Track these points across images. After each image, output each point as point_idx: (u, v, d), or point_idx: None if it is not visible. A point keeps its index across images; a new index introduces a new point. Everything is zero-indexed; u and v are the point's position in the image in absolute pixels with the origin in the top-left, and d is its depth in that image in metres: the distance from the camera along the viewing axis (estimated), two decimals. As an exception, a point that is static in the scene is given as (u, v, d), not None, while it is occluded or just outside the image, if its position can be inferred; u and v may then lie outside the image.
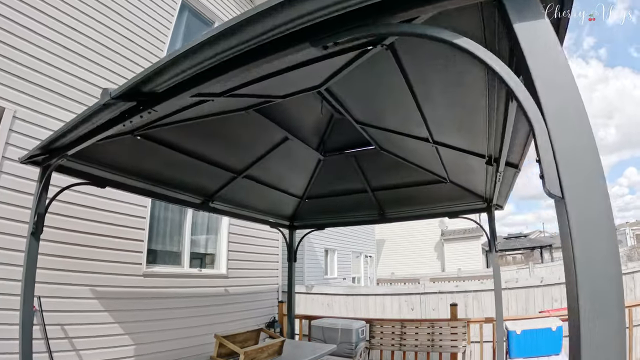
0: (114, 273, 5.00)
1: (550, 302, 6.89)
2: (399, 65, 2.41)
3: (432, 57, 2.30)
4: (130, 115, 2.14)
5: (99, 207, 4.92)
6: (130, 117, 2.13)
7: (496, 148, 3.13)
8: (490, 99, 2.43)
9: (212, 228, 6.96)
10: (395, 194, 5.65)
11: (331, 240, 15.48)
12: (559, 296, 6.88)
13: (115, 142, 3.18)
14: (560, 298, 6.86)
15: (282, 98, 3.21)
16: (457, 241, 25.05)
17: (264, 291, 7.63)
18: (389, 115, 3.62)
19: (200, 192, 4.80)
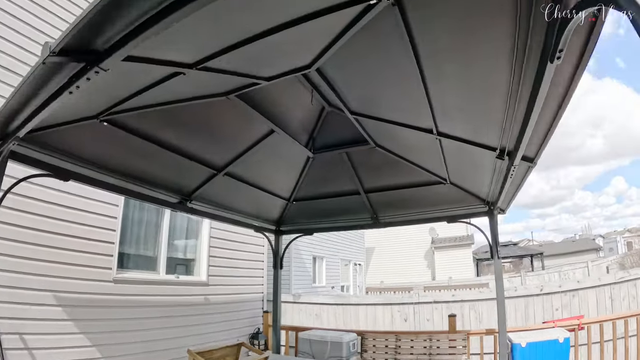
0: (81, 278, 4.54)
1: (550, 311, 6.59)
2: (406, 28, 2.01)
3: (446, 15, 1.90)
4: (77, 78, 1.70)
5: (64, 204, 4.46)
6: (77, 79, 1.69)
7: (512, 137, 2.75)
8: (516, 67, 2.04)
9: (191, 231, 6.48)
10: (390, 197, 5.26)
11: (319, 247, 15.05)
12: (559, 305, 6.59)
13: (79, 128, 2.77)
14: (561, 307, 6.58)
15: (268, 80, 2.81)
16: (447, 249, 24.76)
17: (247, 300, 7.15)
18: (389, 102, 3.22)
19: (177, 190, 4.35)
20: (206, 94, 2.92)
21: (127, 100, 2.46)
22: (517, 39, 1.88)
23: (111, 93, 2.40)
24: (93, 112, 2.65)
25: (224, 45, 2.01)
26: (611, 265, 16.04)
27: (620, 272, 6.64)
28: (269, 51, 2.36)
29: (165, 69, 2.11)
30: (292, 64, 2.66)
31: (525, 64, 1.98)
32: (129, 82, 2.26)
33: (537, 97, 1.98)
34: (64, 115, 2.57)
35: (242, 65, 2.47)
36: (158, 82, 2.27)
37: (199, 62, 2.13)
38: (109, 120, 2.84)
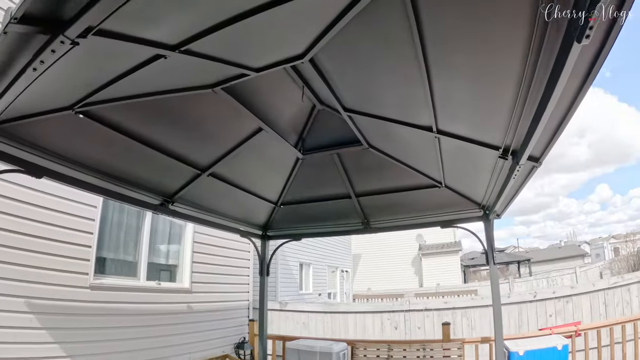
0: (55, 283, 4.27)
1: (544, 317, 6.53)
2: (414, 10, 1.82)
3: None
4: (41, 51, 1.48)
5: (37, 203, 4.19)
6: (41, 51, 1.48)
7: (519, 134, 2.59)
8: (533, 53, 1.87)
9: (174, 236, 6.21)
10: (382, 200, 5.07)
11: (306, 253, 14.81)
12: (553, 311, 6.53)
13: (53, 120, 2.54)
14: (554, 313, 6.52)
15: (257, 72, 2.61)
16: (435, 256, 24.73)
17: (232, 308, 6.88)
18: (387, 97, 3.03)
19: (158, 191, 4.10)
20: (191, 85, 2.70)
21: (105, 88, 2.23)
22: (538, 19, 1.71)
23: (86, 79, 2.17)
24: (67, 102, 2.42)
25: (207, 25, 1.81)
26: (601, 271, 16.10)
27: (613, 278, 6.61)
28: (258, 36, 2.16)
29: (144, 51, 1.89)
30: (284, 52, 2.45)
31: (545, 47, 1.80)
32: (105, 65, 2.03)
33: (556, 84, 1.79)
34: (35, 105, 2.34)
35: (229, 52, 2.26)
36: (137, 67, 2.05)
37: (181, 44, 1.92)
38: (85, 112, 2.60)
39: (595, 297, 6.42)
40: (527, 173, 3.26)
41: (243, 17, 1.80)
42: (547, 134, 2.62)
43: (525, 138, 2.56)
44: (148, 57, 1.98)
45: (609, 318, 6.11)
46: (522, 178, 3.36)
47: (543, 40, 1.81)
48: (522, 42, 1.88)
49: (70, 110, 2.52)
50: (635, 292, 6.35)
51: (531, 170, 3.19)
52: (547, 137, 2.69)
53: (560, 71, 1.72)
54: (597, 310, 6.37)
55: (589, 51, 1.77)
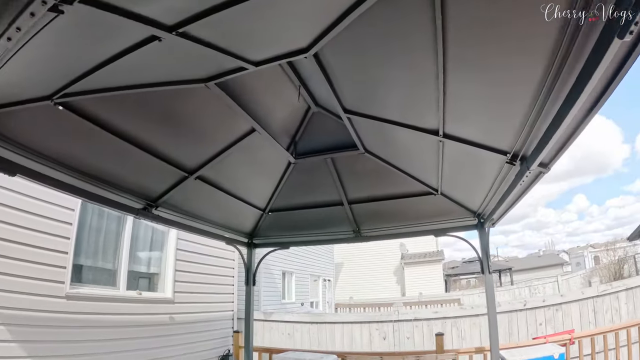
0: (28, 292, 4.00)
1: (535, 326, 6.53)
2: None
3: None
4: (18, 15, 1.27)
5: (9, 204, 3.95)
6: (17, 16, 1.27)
7: (533, 138, 2.47)
8: (562, 50, 1.75)
9: (156, 243, 5.93)
10: (374, 208, 4.92)
11: (289, 262, 14.56)
12: (543, 319, 6.52)
13: (30, 112, 2.30)
14: (544, 321, 6.51)
15: (256, 65, 2.42)
16: (417, 265, 24.73)
17: (216, 319, 6.62)
18: (394, 96, 2.86)
19: (141, 195, 3.84)
20: (183, 78, 2.50)
21: (88, 76, 2.00)
22: (571, 19, 1.58)
23: (68, 63, 1.94)
24: (46, 90, 2.18)
25: (210, 3, 1.62)
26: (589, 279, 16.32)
27: (602, 286, 6.67)
28: (261, 24, 1.98)
29: (137, 30, 1.68)
30: (287, 45, 2.27)
31: (579, 42, 1.68)
32: (91, 46, 1.81)
33: (586, 84, 1.67)
34: (9, 94, 2.10)
35: (229, 40, 2.07)
36: (127, 50, 1.84)
37: (179, 25, 1.72)
38: (65, 103, 2.36)
39: (584, 305, 6.46)
40: (533, 179, 3.15)
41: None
42: (563, 138, 2.52)
43: (539, 143, 2.45)
44: (141, 38, 1.77)
45: (599, 326, 6.16)
46: (527, 184, 3.25)
47: (574, 40, 1.69)
48: (552, 40, 1.76)
49: (48, 100, 2.28)
50: (623, 300, 6.44)
51: (538, 176, 3.08)
52: (561, 142, 2.58)
53: (593, 69, 1.61)
54: (587, 318, 6.41)
55: (621, 50, 1.66)
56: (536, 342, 5.06)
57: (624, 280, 6.86)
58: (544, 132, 2.34)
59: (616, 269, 20.10)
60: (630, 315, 6.28)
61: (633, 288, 6.46)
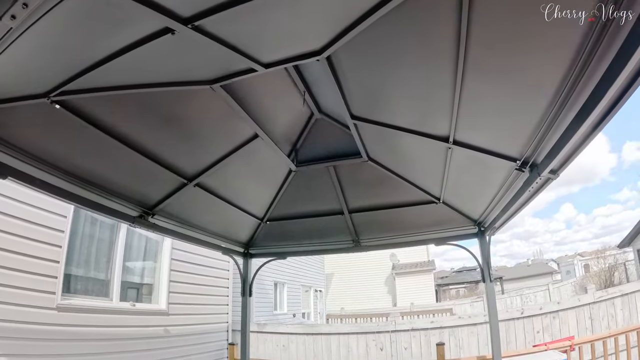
0: (17, 303, 3.84)
1: (532, 334, 6.54)
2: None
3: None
4: None
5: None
6: None
7: (546, 144, 2.43)
8: (587, 49, 1.71)
9: (150, 252, 5.78)
10: (375, 217, 4.85)
11: (280, 273, 14.40)
12: (540, 327, 6.51)
13: (23, 110, 2.16)
14: (542, 329, 6.51)
15: (266, 67, 2.34)
16: (409, 275, 24.68)
17: (211, 331, 6.46)
18: (405, 101, 2.80)
19: (138, 202, 3.69)
20: (190, 79, 2.42)
21: (90, 72, 1.90)
22: (598, 21, 1.55)
23: (70, 57, 1.82)
24: (43, 87, 2.05)
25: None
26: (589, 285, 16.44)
27: (598, 292, 6.72)
28: (275, 23, 1.91)
29: (151, 20, 1.59)
30: (299, 46, 2.20)
31: (605, 42, 1.63)
32: (97, 37, 1.71)
33: (608, 89, 1.64)
34: (3, 89, 1.96)
35: (242, 38, 1.99)
36: (136, 43, 1.75)
37: (194, 17, 1.64)
38: (62, 101, 2.23)
39: (581, 311, 6.50)
40: (541, 185, 3.10)
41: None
42: (574, 146, 2.48)
43: (552, 150, 2.41)
44: (153, 30, 1.68)
45: (596, 332, 6.19)
46: (535, 190, 3.21)
47: (599, 44, 1.65)
48: (573, 49, 1.73)
49: (45, 98, 2.14)
50: (619, 306, 6.50)
51: (546, 182, 3.04)
52: (572, 150, 2.54)
53: (619, 72, 1.57)
54: (584, 324, 6.44)
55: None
56: (537, 350, 5.06)
57: (620, 287, 6.94)
58: (557, 140, 2.32)
59: (607, 277, 20.34)
60: (626, 321, 6.35)
61: (628, 294, 6.53)
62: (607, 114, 2.04)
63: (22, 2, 1.21)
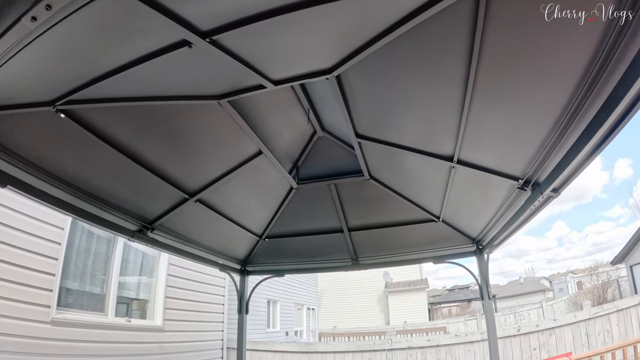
0: (11, 316, 3.74)
1: (529, 351, 6.57)
2: (483, 25, 1.67)
3: (533, 13, 1.58)
4: None
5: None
6: None
7: (549, 163, 2.47)
8: (593, 74, 1.75)
9: (147, 267, 5.70)
10: (374, 236, 4.86)
11: (273, 290, 14.25)
12: (537, 344, 6.53)
13: (27, 118, 2.12)
14: (538, 346, 6.52)
15: (275, 84, 2.36)
16: (401, 293, 24.54)
17: (206, 348, 6.35)
18: (412, 121, 2.83)
19: (138, 216, 3.64)
20: (198, 93, 2.43)
21: (101, 81, 1.89)
22: (608, 39, 1.59)
23: (82, 64, 1.80)
24: (49, 95, 2.01)
25: (249, 12, 1.57)
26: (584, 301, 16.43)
27: (594, 308, 6.75)
28: (289, 40, 1.94)
29: (170, 32, 1.60)
30: (310, 64, 2.22)
31: (609, 69, 1.68)
32: (112, 46, 1.69)
33: (611, 113, 1.70)
34: (8, 95, 1.92)
35: (255, 54, 2.01)
36: (152, 54, 1.75)
37: (213, 32, 1.66)
38: (67, 110, 2.20)
39: (577, 328, 6.53)
40: (542, 203, 3.14)
41: (287, 11, 1.58)
42: (576, 165, 2.52)
43: (554, 169, 2.47)
44: (171, 42, 1.68)
45: (592, 348, 6.19)
46: (536, 209, 3.24)
47: (609, 60, 1.70)
48: (584, 64, 1.77)
49: (50, 106, 2.10)
50: (615, 321, 6.55)
51: (547, 200, 3.08)
52: (573, 169, 2.58)
53: (619, 101, 1.64)
54: (580, 340, 6.47)
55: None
56: None
57: (615, 302, 6.96)
58: (560, 159, 2.36)
59: (600, 293, 20.38)
60: (622, 336, 6.38)
61: (623, 309, 6.58)
62: (609, 134, 2.09)
63: (45, 3, 1.18)
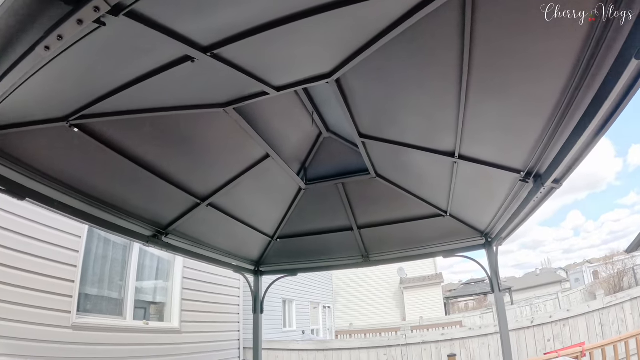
0: (34, 322, 3.86)
1: (543, 342, 6.49)
2: (472, 26, 1.73)
3: (518, 11, 1.64)
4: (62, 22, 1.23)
5: (16, 230, 3.83)
6: (62, 23, 1.23)
7: (548, 155, 2.51)
8: (581, 70, 1.80)
9: (162, 271, 5.83)
10: (383, 232, 4.90)
11: (289, 290, 14.36)
12: (551, 335, 6.49)
13: (42, 133, 2.23)
14: (552, 337, 6.47)
15: (277, 90, 2.45)
16: (417, 289, 24.50)
17: (223, 348, 6.47)
18: (411, 119, 2.90)
19: (152, 221, 3.77)
20: (204, 102, 2.52)
21: (110, 97, 1.99)
22: (593, 37, 1.64)
23: (92, 82, 1.91)
24: (63, 111, 2.13)
25: (247, 26, 1.66)
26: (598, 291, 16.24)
27: (607, 297, 6.67)
28: (288, 48, 2.02)
29: (172, 48, 1.69)
30: (309, 70, 2.30)
31: (596, 65, 1.73)
32: (120, 65, 1.80)
33: (606, 99, 1.73)
34: (25, 113, 2.03)
35: (255, 64, 2.10)
36: (157, 70, 1.85)
37: (213, 46, 1.75)
38: (80, 125, 2.31)
39: (591, 318, 6.47)
40: (546, 195, 3.17)
41: (284, 22, 1.66)
42: (575, 155, 2.56)
43: (554, 160, 2.51)
44: (174, 58, 1.78)
45: (607, 338, 6.14)
46: (540, 200, 3.27)
47: (594, 58, 1.75)
48: (572, 60, 1.82)
49: (64, 122, 2.21)
50: (629, 310, 6.47)
51: (550, 192, 3.11)
52: (574, 158, 2.62)
53: (611, 88, 1.67)
54: (594, 330, 6.41)
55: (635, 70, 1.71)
56: (548, 357, 5.03)
57: (628, 291, 6.88)
58: (558, 150, 2.40)
59: (616, 282, 20.10)
60: (637, 324, 6.32)
61: (637, 298, 6.50)
62: (607, 121, 2.13)
63: (57, 34, 1.26)
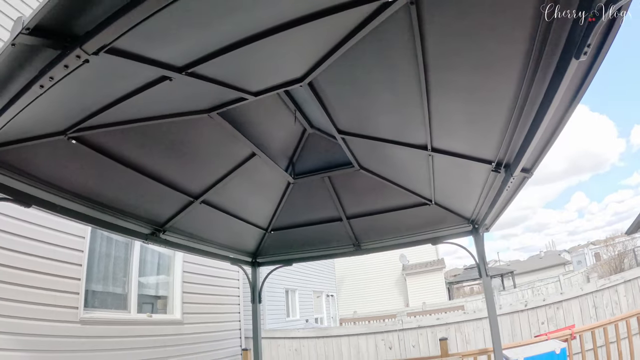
0: (44, 319, 4.09)
1: (537, 325, 6.59)
2: (420, 30, 1.91)
3: (465, 16, 1.81)
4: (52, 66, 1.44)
5: (24, 234, 4.05)
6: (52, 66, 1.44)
7: (513, 147, 2.68)
8: (530, 69, 1.97)
9: (163, 266, 6.07)
10: (372, 222, 5.10)
11: (291, 279, 14.62)
12: (545, 318, 6.61)
13: (44, 146, 2.44)
14: (546, 320, 6.59)
15: (255, 95, 2.64)
16: (419, 275, 24.78)
17: (224, 338, 6.72)
18: (384, 117, 3.09)
19: (149, 220, 4.00)
20: (188, 110, 2.72)
21: (102, 112, 2.20)
22: (537, 38, 1.81)
23: (84, 102, 2.12)
24: (61, 126, 2.34)
25: (216, 47, 1.85)
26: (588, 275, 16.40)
27: (601, 280, 6.71)
28: (260, 60, 2.20)
29: (150, 71, 1.90)
30: (283, 76, 2.50)
31: (543, 64, 1.90)
32: (107, 87, 2.01)
33: (553, 98, 1.90)
34: (27, 130, 2.23)
35: (231, 75, 2.30)
36: (139, 89, 2.04)
37: (188, 66, 1.94)
38: (78, 137, 2.53)
39: (584, 300, 6.53)
40: (518, 184, 3.35)
41: (252, 40, 1.85)
42: (540, 145, 2.73)
43: (519, 151, 2.67)
44: (152, 78, 1.98)
45: (600, 320, 6.19)
46: (513, 189, 3.46)
47: (541, 57, 1.90)
48: (521, 59, 1.97)
49: (62, 135, 2.43)
50: (622, 292, 6.50)
51: (522, 181, 3.29)
52: (539, 149, 2.79)
53: (557, 86, 1.83)
54: (588, 313, 6.48)
55: (582, 65, 1.87)
56: (538, 340, 5.13)
57: (622, 273, 6.87)
58: (522, 141, 2.57)
59: (616, 264, 20.26)
60: (630, 307, 6.33)
61: (631, 280, 6.51)
62: (564, 115, 2.30)
63: (49, 75, 1.47)
